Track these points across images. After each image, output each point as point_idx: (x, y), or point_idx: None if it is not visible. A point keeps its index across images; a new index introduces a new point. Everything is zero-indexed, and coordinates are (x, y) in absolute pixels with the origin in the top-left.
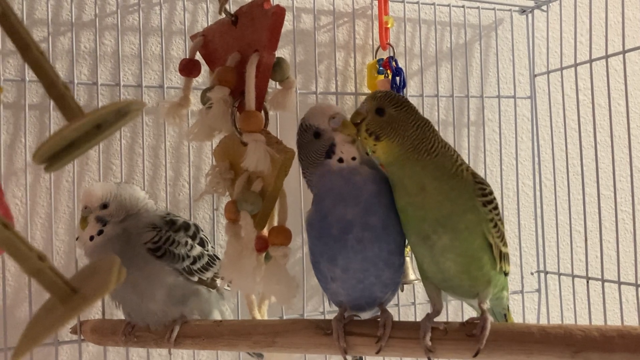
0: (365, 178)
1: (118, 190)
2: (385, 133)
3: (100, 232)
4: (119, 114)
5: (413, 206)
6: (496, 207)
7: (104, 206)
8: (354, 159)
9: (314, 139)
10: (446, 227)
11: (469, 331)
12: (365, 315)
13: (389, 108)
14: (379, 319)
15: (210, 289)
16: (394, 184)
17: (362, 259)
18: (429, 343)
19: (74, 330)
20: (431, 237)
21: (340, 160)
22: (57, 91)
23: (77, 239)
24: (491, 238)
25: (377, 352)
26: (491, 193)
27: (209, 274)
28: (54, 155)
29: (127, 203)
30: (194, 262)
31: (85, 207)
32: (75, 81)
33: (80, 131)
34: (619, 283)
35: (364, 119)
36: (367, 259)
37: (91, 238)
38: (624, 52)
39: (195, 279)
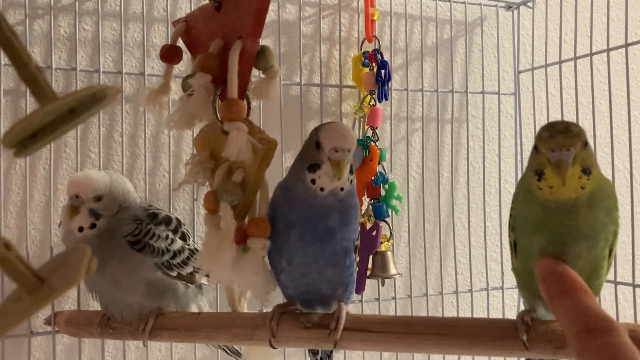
0: (323, 200)
1: (112, 183)
2: (594, 164)
3: (92, 226)
4: (94, 99)
5: (564, 220)
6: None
7: (98, 198)
8: (322, 189)
9: (314, 147)
10: (588, 237)
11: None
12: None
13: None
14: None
15: (188, 285)
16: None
17: (303, 255)
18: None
19: (47, 322)
20: (569, 243)
21: (313, 181)
22: (29, 73)
23: (59, 225)
24: (614, 247)
25: (334, 346)
26: None
27: (188, 269)
28: (25, 139)
29: (119, 197)
30: (174, 257)
31: (77, 196)
32: (53, 66)
33: (53, 115)
34: None
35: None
36: (308, 255)
37: (80, 229)
38: (608, 50)
39: (174, 273)
